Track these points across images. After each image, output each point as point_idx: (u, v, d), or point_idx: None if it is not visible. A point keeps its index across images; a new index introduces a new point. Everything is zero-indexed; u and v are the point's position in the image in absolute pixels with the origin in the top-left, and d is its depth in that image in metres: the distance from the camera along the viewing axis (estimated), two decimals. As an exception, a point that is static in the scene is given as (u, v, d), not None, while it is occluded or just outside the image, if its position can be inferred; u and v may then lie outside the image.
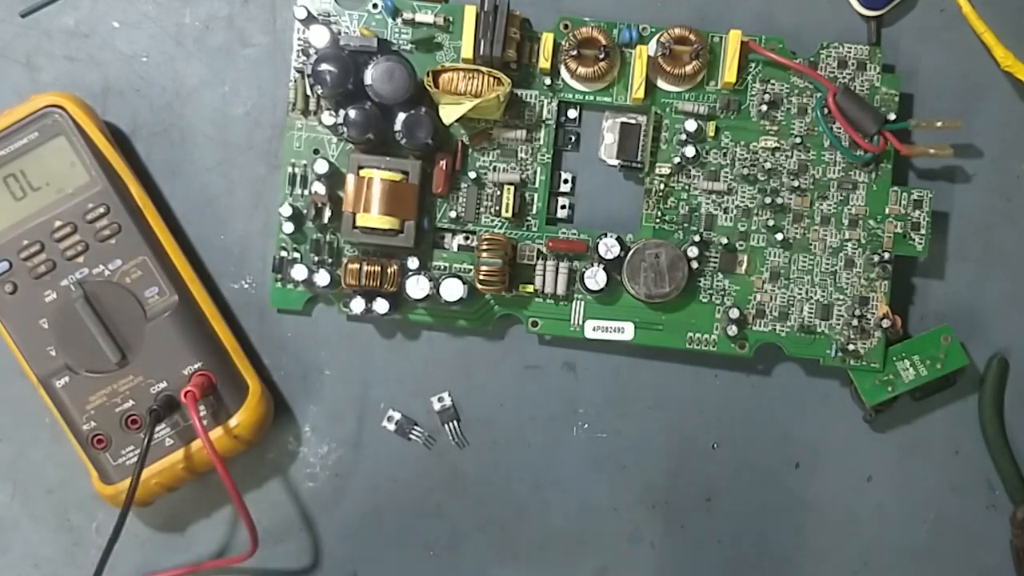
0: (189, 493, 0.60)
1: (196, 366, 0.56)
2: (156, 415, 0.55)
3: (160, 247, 0.57)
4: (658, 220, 0.59)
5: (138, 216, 0.57)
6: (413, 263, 0.58)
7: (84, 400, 0.56)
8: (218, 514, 0.60)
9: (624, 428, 0.62)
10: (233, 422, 0.57)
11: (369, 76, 0.56)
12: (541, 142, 0.59)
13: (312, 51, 0.57)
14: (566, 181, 0.61)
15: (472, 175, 0.59)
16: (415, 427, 0.61)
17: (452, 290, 0.57)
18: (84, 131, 0.56)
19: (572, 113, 0.60)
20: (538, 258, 0.59)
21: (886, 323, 0.58)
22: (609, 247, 0.58)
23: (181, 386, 0.56)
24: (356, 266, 0.57)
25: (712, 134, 0.59)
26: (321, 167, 0.57)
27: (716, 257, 0.59)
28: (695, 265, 0.59)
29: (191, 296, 0.57)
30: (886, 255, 0.59)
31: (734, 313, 0.59)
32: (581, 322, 0.59)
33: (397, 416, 0.61)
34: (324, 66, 0.55)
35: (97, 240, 0.56)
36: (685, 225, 0.59)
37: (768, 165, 0.59)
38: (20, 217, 0.56)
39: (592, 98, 0.59)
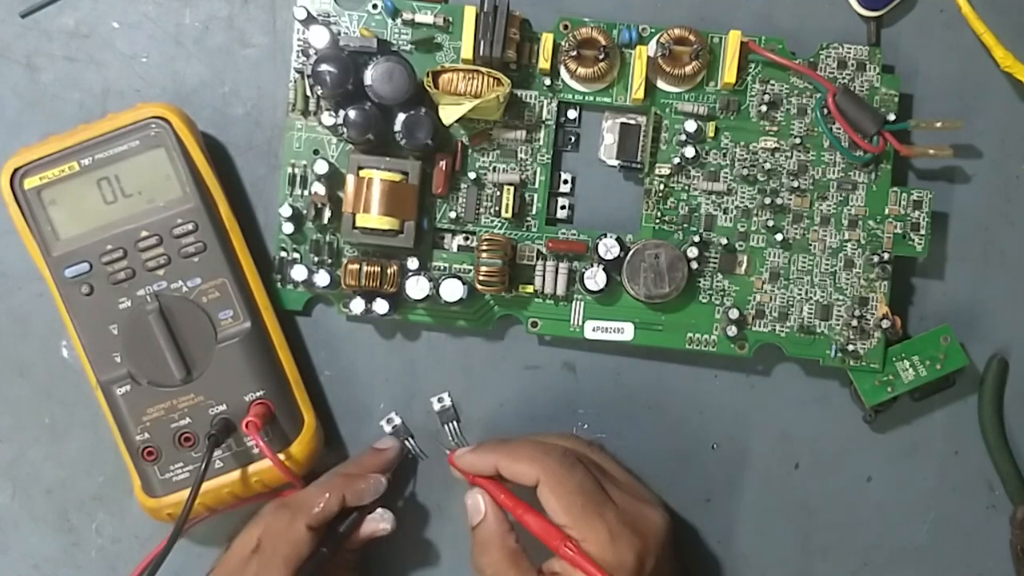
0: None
1: (258, 394, 0.56)
2: (215, 440, 0.54)
3: (241, 272, 0.57)
4: (658, 220, 0.59)
5: (224, 238, 0.57)
6: (413, 263, 0.58)
7: (141, 411, 0.56)
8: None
9: (624, 428, 0.62)
10: (286, 455, 0.56)
11: (369, 76, 0.56)
12: (541, 142, 0.59)
13: (312, 51, 0.57)
14: (566, 181, 0.61)
15: (472, 175, 0.59)
16: (410, 438, 0.61)
17: (452, 290, 0.57)
18: (185, 147, 0.56)
19: (572, 113, 0.60)
20: (538, 258, 0.59)
21: (886, 323, 0.58)
22: (609, 247, 0.58)
23: (240, 411, 0.56)
24: (356, 266, 0.57)
25: (712, 134, 0.59)
26: (321, 167, 0.57)
27: (716, 257, 0.59)
28: (695, 265, 0.59)
29: (263, 325, 0.57)
30: (886, 255, 0.59)
31: (734, 313, 0.59)
32: (581, 322, 0.59)
33: (397, 421, 0.61)
34: (324, 67, 0.55)
35: (180, 256, 0.56)
36: (685, 225, 0.59)
37: (768, 165, 0.59)
38: (107, 221, 0.56)
39: (592, 98, 0.59)
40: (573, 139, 0.61)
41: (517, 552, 0.54)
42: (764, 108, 0.59)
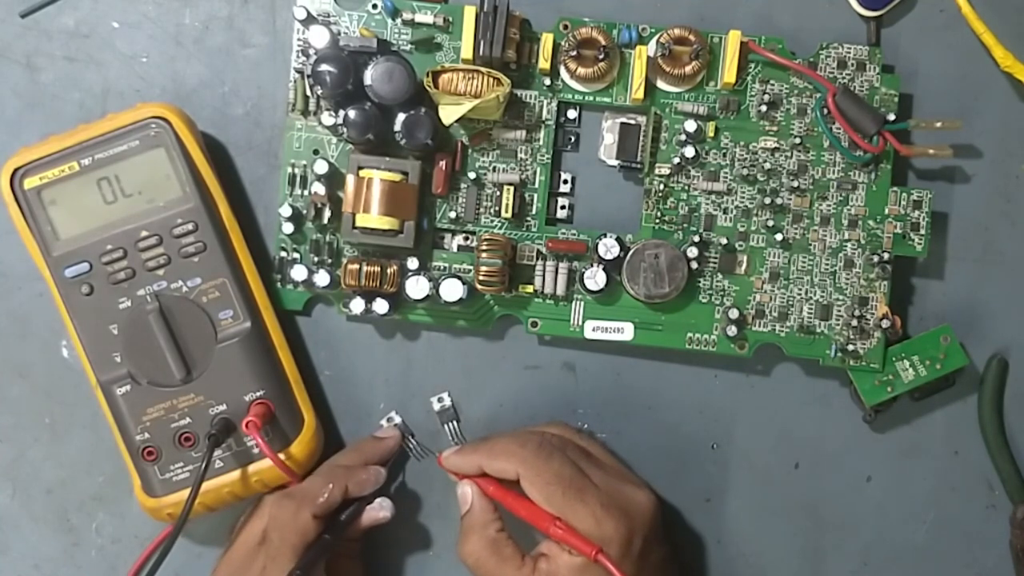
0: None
1: (258, 394, 0.56)
2: (215, 440, 0.54)
3: (241, 272, 0.57)
4: (658, 220, 0.59)
5: (224, 238, 0.57)
6: (413, 263, 0.58)
7: (141, 411, 0.56)
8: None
9: (624, 428, 0.62)
10: (286, 455, 0.56)
11: (369, 76, 0.56)
12: (541, 142, 0.59)
13: (312, 51, 0.57)
14: (566, 181, 0.61)
15: (472, 175, 0.59)
16: (411, 437, 0.61)
17: (452, 290, 0.57)
18: (185, 147, 0.56)
19: (572, 113, 0.60)
20: (538, 258, 0.59)
21: (886, 323, 0.58)
22: (609, 247, 0.58)
23: (240, 410, 0.56)
24: (356, 266, 0.57)
25: (712, 134, 0.59)
26: (321, 167, 0.57)
27: (716, 257, 0.59)
28: (695, 265, 0.59)
29: (263, 324, 0.57)
30: (886, 255, 0.59)
31: (734, 313, 0.59)
32: (581, 322, 0.59)
33: (397, 420, 0.61)
34: (324, 67, 0.55)
35: (180, 256, 0.56)
36: (685, 225, 0.59)
37: (768, 165, 0.59)
38: (107, 221, 0.56)
39: (592, 98, 0.59)
40: (573, 139, 0.61)
41: (498, 540, 0.54)
42: (764, 108, 0.59)
